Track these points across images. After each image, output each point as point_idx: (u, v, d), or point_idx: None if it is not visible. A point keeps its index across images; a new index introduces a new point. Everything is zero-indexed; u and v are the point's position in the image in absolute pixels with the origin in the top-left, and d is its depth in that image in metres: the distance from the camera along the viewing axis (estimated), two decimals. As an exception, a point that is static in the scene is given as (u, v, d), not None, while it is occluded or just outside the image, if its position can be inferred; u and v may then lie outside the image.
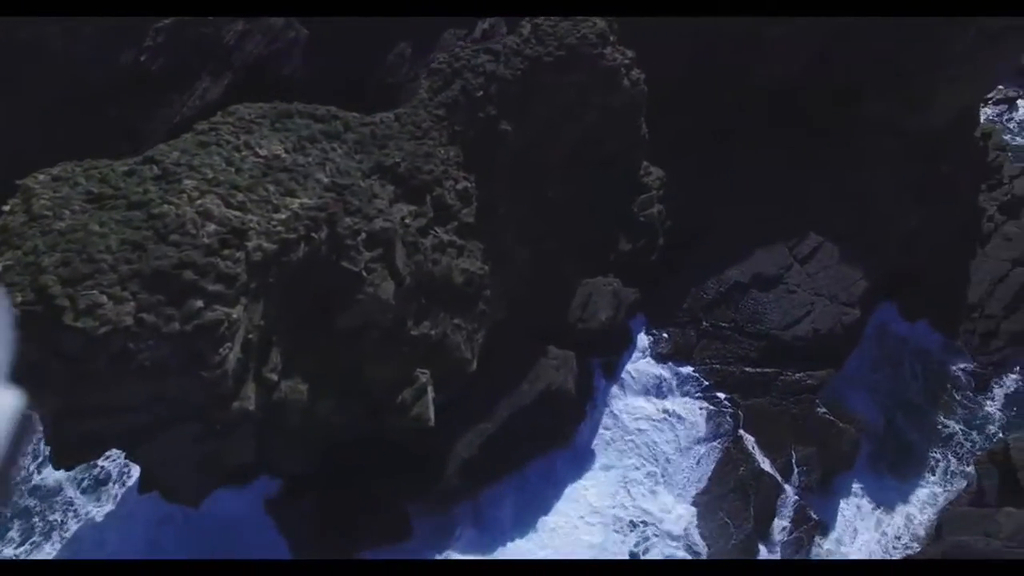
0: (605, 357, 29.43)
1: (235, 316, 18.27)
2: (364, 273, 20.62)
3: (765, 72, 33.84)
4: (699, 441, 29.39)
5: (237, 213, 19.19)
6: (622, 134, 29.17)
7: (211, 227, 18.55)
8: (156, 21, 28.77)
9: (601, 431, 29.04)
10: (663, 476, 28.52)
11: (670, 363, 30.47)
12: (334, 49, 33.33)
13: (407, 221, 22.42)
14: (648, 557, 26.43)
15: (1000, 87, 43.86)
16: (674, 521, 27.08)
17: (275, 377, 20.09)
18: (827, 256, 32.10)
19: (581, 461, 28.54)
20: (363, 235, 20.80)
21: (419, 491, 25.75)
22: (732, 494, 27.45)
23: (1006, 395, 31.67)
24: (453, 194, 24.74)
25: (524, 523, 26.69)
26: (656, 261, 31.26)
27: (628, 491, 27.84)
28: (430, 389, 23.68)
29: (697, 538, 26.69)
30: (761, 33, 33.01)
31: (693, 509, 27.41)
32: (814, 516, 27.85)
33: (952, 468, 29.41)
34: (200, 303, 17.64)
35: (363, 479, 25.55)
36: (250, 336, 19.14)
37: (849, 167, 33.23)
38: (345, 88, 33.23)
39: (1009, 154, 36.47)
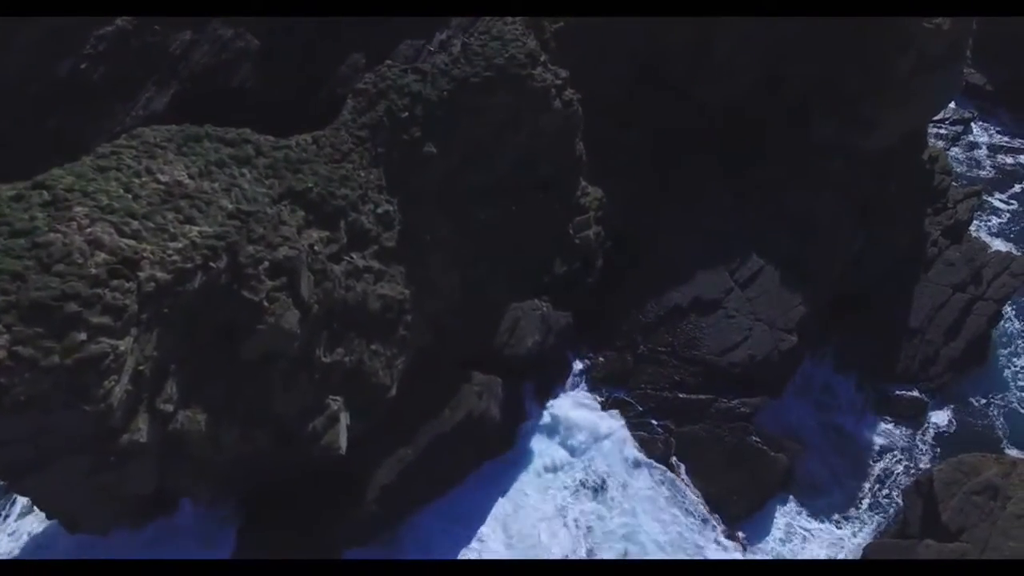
0: (536, 382, 29.07)
1: (122, 348, 17.85)
2: (265, 302, 20.21)
3: (709, 92, 33.67)
4: (636, 465, 29.13)
5: (130, 242, 18.75)
6: (556, 155, 28.88)
7: (101, 256, 18.11)
8: (96, 28, 28.21)
9: (532, 456, 28.67)
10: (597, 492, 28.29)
11: (604, 388, 30.17)
12: (285, 60, 32.88)
13: (316, 248, 22.03)
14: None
15: (953, 106, 43.94)
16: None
17: (170, 408, 19.67)
18: (768, 280, 31.87)
19: (509, 483, 28.18)
20: (266, 263, 20.42)
21: (339, 518, 25.29)
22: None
23: (939, 425, 31.45)
24: (372, 218, 24.41)
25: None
26: (593, 284, 30.99)
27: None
28: (343, 417, 23.30)
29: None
30: (705, 53, 32.88)
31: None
32: (743, 542, 27.58)
33: (882, 498, 29.17)
34: (83, 336, 17.20)
35: (284, 507, 25.11)
36: (141, 368, 18.71)
37: (794, 188, 33.07)
38: (295, 100, 32.96)
39: (954, 183, 36.31)
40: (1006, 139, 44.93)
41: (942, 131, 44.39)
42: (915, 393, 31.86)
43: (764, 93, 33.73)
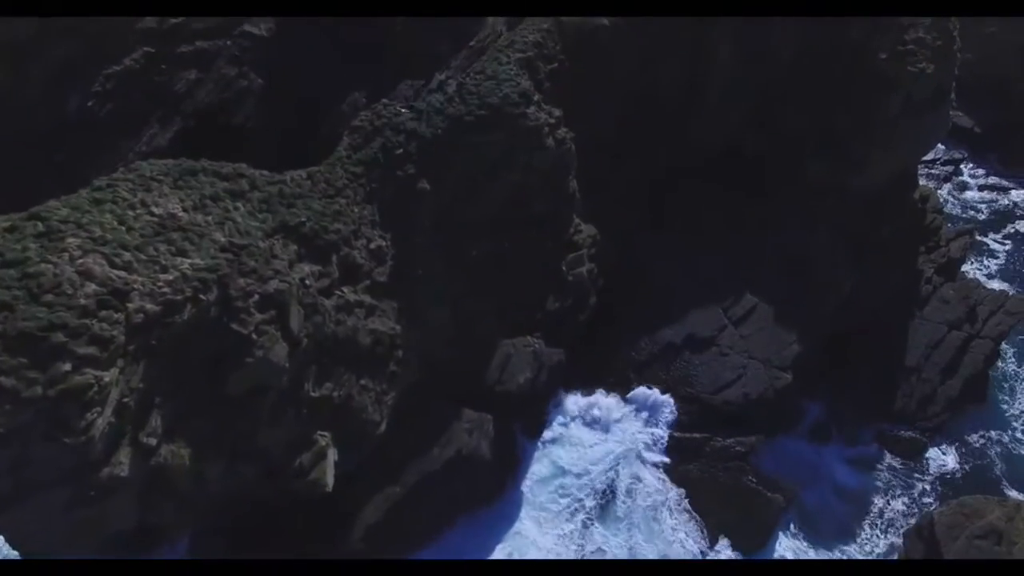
0: (528, 420, 28.78)
1: (107, 380, 17.73)
2: (254, 335, 20.16)
3: (703, 131, 34.26)
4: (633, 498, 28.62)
5: (121, 273, 18.83)
6: (549, 193, 29.19)
7: (91, 287, 18.15)
8: (106, 66, 28.89)
9: (524, 494, 28.17)
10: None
11: (598, 426, 29.84)
12: (287, 98, 33.65)
13: (307, 282, 22.08)
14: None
15: (943, 147, 44.67)
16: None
17: (154, 441, 19.42)
18: (762, 318, 31.87)
19: (503, 525, 27.61)
20: (256, 297, 20.43)
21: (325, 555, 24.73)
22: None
23: (938, 464, 30.95)
24: (365, 253, 24.54)
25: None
26: (586, 321, 30.95)
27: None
28: (331, 453, 23.00)
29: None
30: (698, 93, 33.58)
31: None
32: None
33: (881, 540, 28.52)
34: (68, 366, 17.12)
35: (267, 546, 24.60)
36: (126, 400, 18.55)
37: (787, 226, 33.33)
38: (295, 137, 33.59)
39: (947, 223, 36.60)
40: (996, 180, 45.46)
41: (933, 171, 44.99)
42: (914, 432, 31.42)
43: (756, 132, 34.32)
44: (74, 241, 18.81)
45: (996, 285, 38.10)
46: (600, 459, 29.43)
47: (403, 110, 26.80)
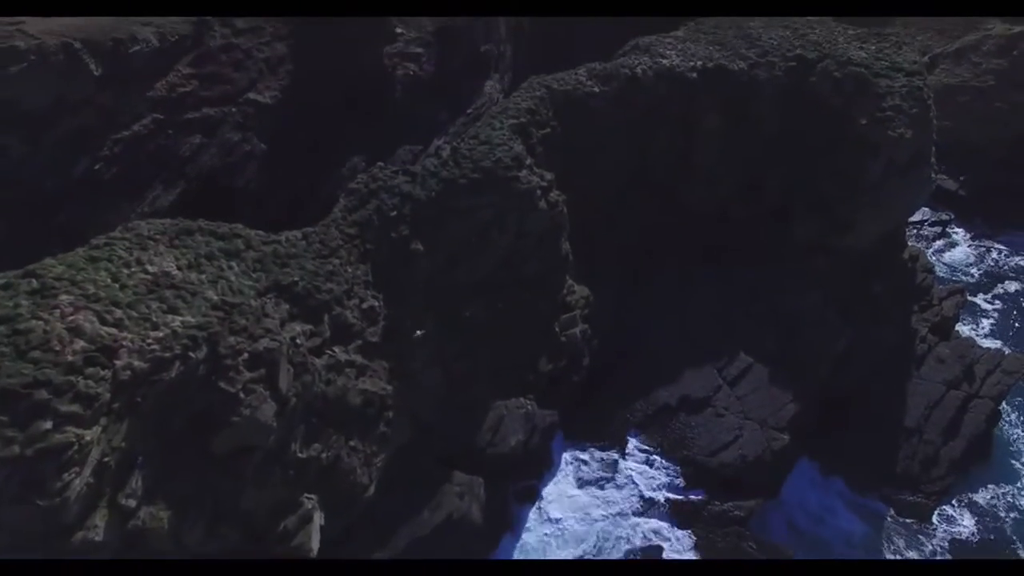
0: (521, 483, 28.13)
1: (88, 438, 17.46)
2: (242, 394, 20.00)
3: (694, 194, 35.04)
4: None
5: (111, 330, 18.87)
6: (542, 254, 29.56)
7: (79, 344, 18.16)
8: (115, 132, 29.71)
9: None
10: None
11: (593, 488, 29.14)
12: (288, 162, 34.64)
13: (298, 341, 22.08)
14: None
15: (929, 210, 45.66)
16: None
17: (133, 503, 18.91)
18: (756, 378, 31.66)
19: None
20: (245, 355, 20.39)
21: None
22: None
23: (946, 527, 29.99)
24: (357, 313, 24.63)
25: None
26: (580, 382, 30.74)
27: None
28: (316, 516, 22.36)
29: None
30: (688, 158, 34.54)
31: None
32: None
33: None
34: (49, 424, 16.90)
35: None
36: (107, 459, 18.21)
37: (778, 286, 33.58)
38: (295, 200, 34.37)
39: (938, 283, 36.93)
40: (983, 241, 46.17)
41: (922, 232, 45.79)
42: (919, 497, 30.57)
43: (745, 196, 35.09)
44: (66, 298, 18.94)
45: (990, 344, 37.99)
46: (595, 523, 28.56)
47: (399, 173, 27.47)
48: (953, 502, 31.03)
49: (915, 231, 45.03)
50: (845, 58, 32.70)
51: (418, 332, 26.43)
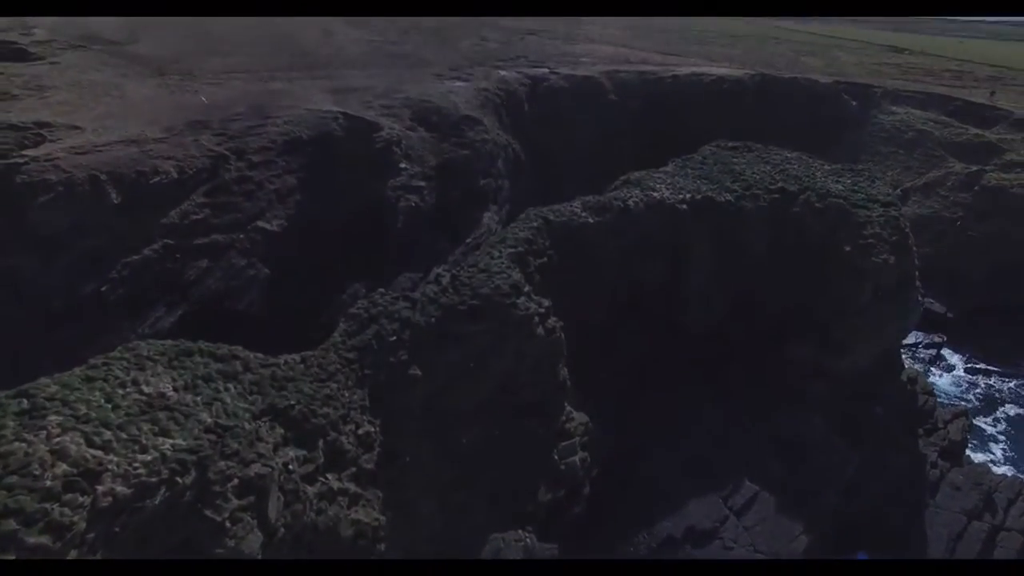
0: (520, 625, 26.04)
1: (54, 573, 16.34)
2: (228, 523, 19.04)
3: (689, 318, 35.53)
4: None
5: (97, 453, 18.23)
6: (540, 381, 29.38)
7: (61, 468, 17.45)
8: (125, 256, 30.32)
9: None
10: None
11: (597, 633, 26.91)
12: (291, 287, 35.28)
13: (291, 467, 21.36)
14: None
15: (922, 333, 46.32)
16: None
17: (99, 647, 17.35)
18: (764, 507, 30.42)
19: None
20: (235, 481, 19.64)
21: None
22: None
23: None
24: (353, 439, 24.05)
25: None
26: (580, 513, 29.44)
27: None
28: (298, 665, 20.44)
29: None
30: (681, 283, 35.40)
31: None
32: None
33: None
34: (12, 559, 15.88)
35: None
36: (75, 596, 16.95)
37: (780, 412, 33.19)
38: (296, 324, 34.58)
39: (939, 404, 36.71)
40: (977, 364, 46.45)
41: (918, 355, 46.14)
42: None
43: (740, 319, 35.64)
44: (55, 419, 18.48)
45: (1005, 470, 36.99)
46: None
47: (399, 299, 27.93)
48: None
49: (910, 353, 45.42)
50: (824, 190, 34.67)
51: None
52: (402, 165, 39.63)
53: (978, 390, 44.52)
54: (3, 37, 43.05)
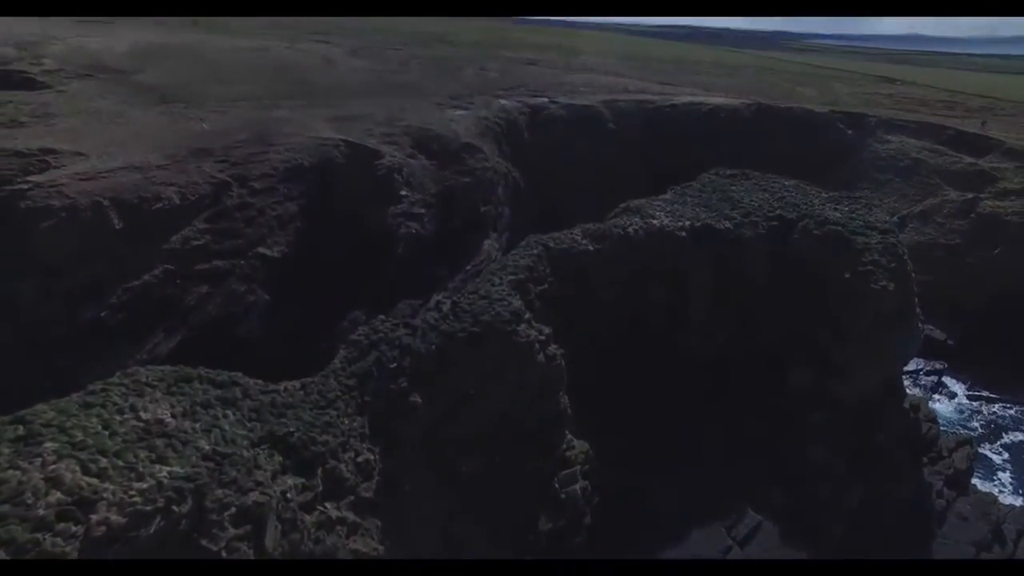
0: (520, 660, 25.43)
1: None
2: (223, 553, 18.69)
3: (690, 346, 35.42)
4: None
5: (92, 480, 17.98)
6: (541, 408, 29.16)
7: (55, 496, 17.20)
8: (125, 281, 30.18)
9: None
10: None
11: (600, 669, 26.28)
12: (291, 313, 35.17)
13: (289, 495, 21.06)
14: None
15: (923, 360, 46.21)
16: None
17: None
18: (768, 537, 30.01)
19: None
20: (232, 509, 19.34)
21: None
22: None
23: None
24: (352, 466, 23.75)
25: None
26: (582, 542, 28.96)
27: None
28: None
29: None
30: (682, 311, 35.37)
31: None
32: None
33: None
34: (-1, 592, 15.55)
35: None
36: (64, 630, 16.55)
37: (782, 438, 32.89)
38: (296, 350, 34.40)
39: (942, 427, 36.48)
40: (979, 391, 46.28)
41: (920, 382, 45.97)
42: None
43: (741, 346, 35.54)
44: (51, 446, 18.27)
45: (1012, 500, 36.59)
46: None
47: (400, 326, 27.84)
48: None
49: (911, 380, 45.28)
50: (822, 217, 34.89)
51: None
52: (403, 192, 39.87)
53: (981, 417, 44.28)
54: (14, 67, 43.66)
